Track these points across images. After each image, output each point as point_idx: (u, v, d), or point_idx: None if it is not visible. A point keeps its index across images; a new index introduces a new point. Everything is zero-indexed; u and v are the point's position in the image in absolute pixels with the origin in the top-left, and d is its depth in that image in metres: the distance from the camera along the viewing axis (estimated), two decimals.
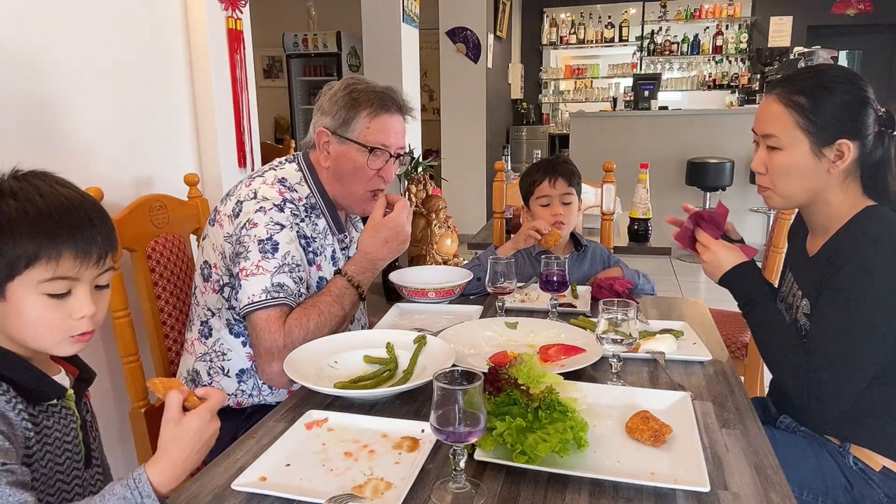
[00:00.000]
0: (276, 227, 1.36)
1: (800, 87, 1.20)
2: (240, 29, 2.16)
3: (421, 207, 4.35)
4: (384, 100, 1.45)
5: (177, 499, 0.88)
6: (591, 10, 8.47)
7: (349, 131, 1.44)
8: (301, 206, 1.43)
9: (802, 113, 1.19)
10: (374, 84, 1.48)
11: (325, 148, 1.48)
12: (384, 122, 1.45)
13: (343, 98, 1.45)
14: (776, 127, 1.22)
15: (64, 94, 1.60)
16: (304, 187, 1.48)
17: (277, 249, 1.35)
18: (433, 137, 6.74)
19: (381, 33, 4.36)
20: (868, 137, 1.19)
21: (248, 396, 1.45)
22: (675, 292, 4.58)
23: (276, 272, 1.33)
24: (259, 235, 1.35)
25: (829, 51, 5.48)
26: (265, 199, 1.38)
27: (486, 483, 0.91)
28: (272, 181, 1.43)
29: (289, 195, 1.42)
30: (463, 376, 0.87)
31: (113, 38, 1.74)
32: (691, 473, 0.90)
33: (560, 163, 1.97)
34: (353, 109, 1.44)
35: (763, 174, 1.28)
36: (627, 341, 1.20)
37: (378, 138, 1.45)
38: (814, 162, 1.20)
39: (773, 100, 1.23)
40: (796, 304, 1.31)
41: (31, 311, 0.90)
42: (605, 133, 5.92)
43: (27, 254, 0.87)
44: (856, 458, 1.22)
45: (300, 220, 1.42)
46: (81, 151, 1.65)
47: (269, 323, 1.31)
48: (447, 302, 1.78)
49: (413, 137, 4.67)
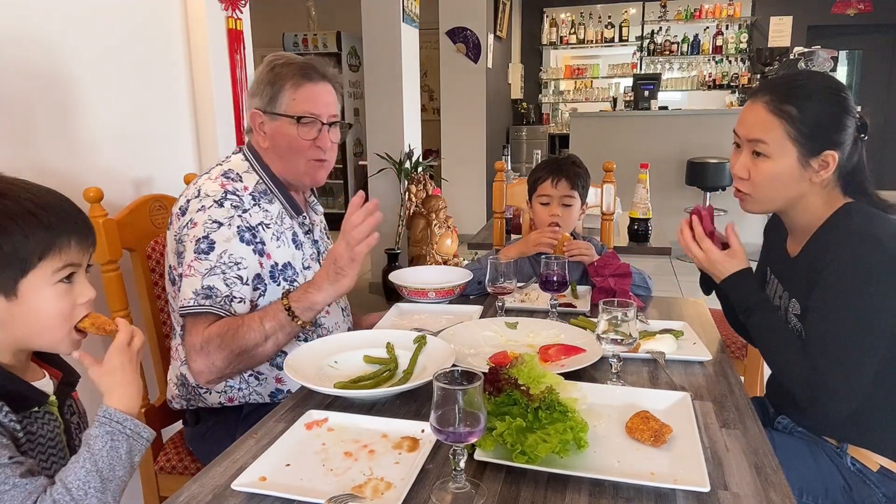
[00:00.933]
0: (214, 226, 1.36)
1: (789, 96, 1.20)
2: (240, 29, 2.16)
3: (421, 207, 4.35)
4: (306, 70, 1.45)
5: (177, 499, 0.88)
6: (591, 10, 8.47)
7: (277, 106, 1.44)
8: (247, 195, 1.42)
9: (793, 123, 1.19)
10: (294, 57, 1.48)
11: (260, 129, 1.47)
12: (309, 90, 1.45)
13: (266, 75, 1.45)
14: (766, 135, 1.22)
15: (63, 94, 1.60)
16: (251, 175, 1.47)
17: (213, 248, 1.34)
18: (433, 137, 6.75)
19: (381, 33, 4.36)
20: (847, 145, 1.21)
21: (237, 391, 1.46)
22: (675, 292, 4.58)
23: (208, 274, 1.32)
24: (196, 235, 1.35)
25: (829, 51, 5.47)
26: (206, 196, 1.39)
27: (486, 483, 0.91)
28: (216, 175, 1.44)
29: (231, 186, 1.41)
30: (463, 376, 0.87)
31: (113, 38, 1.74)
32: (691, 473, 0.90)
33: (567, 164, 1.95)
34: (277, 84, 1.43)
35: (744, 179, 1.27)
36: (627, 341, 1.20)
37: (305, 107, 1.44)
38: (799, 171, 1.21)
39: (761, 107, 1.23)
40: (784, 306, 1.31)
41: (45, 303, 0.92)
42: (605, 133, 5.92)
43: (41, 246, 0.90)
44: (853, 458, 1.22)
45: (243, 212, 1.40)
46: (81, 151, 1.65)
47: (194, 326, 1.32)
48: (447, 302, 1.78)
49: (413, 137, 4.67)
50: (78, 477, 0.88)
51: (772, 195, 1.25)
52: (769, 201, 1.27)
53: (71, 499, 0.86)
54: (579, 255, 1.82)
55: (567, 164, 1.95)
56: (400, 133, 4.50)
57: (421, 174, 4.47)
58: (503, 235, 2.43)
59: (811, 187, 1.23)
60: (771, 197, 1.26)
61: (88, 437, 0.91)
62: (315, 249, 1.58)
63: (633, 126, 5.84)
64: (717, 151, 5.35)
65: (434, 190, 4.51)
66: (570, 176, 1.91)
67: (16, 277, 0.89)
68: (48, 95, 1.55)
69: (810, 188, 1.23)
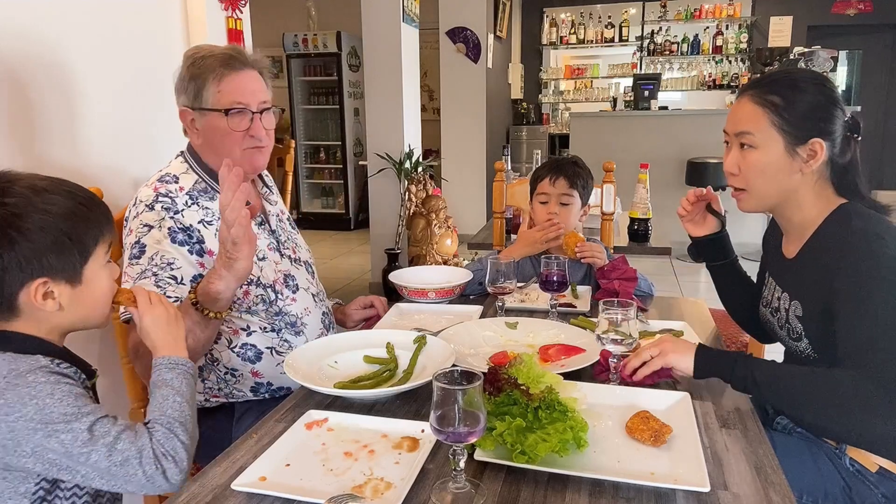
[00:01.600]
0: (144, 230, 1.36)
1: (773, 87, 1.22)
2: (240, 29, 2.16)
3: (421, 207, 4.35)
4: (227, 60, 1.41)
5: (177, 499, 0.88)
6: (591, 10, 8.47)
7: (204, 101, 1.41)
8: (182, 195, 1.42)
9: (777, 111, 1.20)
10: (213, 48, 1.45)
11: (192, 126, 1.45)
12: (232, 80, 1.41)
13: (188, 71, 1.42)
14: (751, 125, 1.23)
15: (63, 94, 1.60)
16: (189, 175, 1.46)
17: (144, 252, 1.35)
18: (433, 137, 6.74)
19: (381, 33, 4.36)
20: (837, 139, 1.21)
21: (217, 391, 1.46)
22: (675, 292, 4.58)
23: (139, 278, 1.33)
24: (129, 241, 1.37)
25: (829, 51, 5.47)
26: (139, 202, 1.40)
27: (486, 483, 0.91)
28: (152, 182, 1.44)
29: (164, 188, 1.41)
30: (463, 376, 0.87)
31: (113, 37, 1.74)
32: (691, 473, 0.90)
33: (567, 163, 1.95)
34: (200, 79, 1.40)
35: (736, 174, 1.28)
36: (627, 341, 1.20)
37: (232, 98, 1.40)
38: (787, 161, 1.22)
39: (747, 100, 1.24)
40: (784, 307, 1.30)
41: (102, 284, 1.03)
42: (605, 133, 5.92)
43: (96, 232, 1.00)
44: (852, 459, 1.22)
45: (175, 213, 1.39)
46: (81, 151, 1.65)
47: (131, 331, 1.33)
48: (447, 302, 1.78)
49: (413, 137, 4.67)
50: (175, 409, 0.99)
51: (764, 188, 1.25)
52: (762, 196, 1.27)
53: (180, 425, 0.97)
54: (591, 257, 1.82)
55: (567, 163, 1.95)
56: (400, 133, 4.50)
57: (421, 174, 4.47)
58: (503, 235, 2.43)
59: (803, 180, 1.23)
60: (763, 190, 1.26)
61: (163, 381, 1.03)
62: (274, 239, 1.56)
63: (633, 126, 5.84)
64: (717, 151, 5.34)
65: (434, 190, 4.51)
66: (569, 175, 1.91)
67: (80, 264, 0.99)
68: (48, 95, 1.55)
69: (802, 182, 1.23)
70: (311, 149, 7.48)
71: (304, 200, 7.44)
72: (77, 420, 0.90)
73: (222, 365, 1.45)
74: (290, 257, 1.58)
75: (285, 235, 1.62)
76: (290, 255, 1.59)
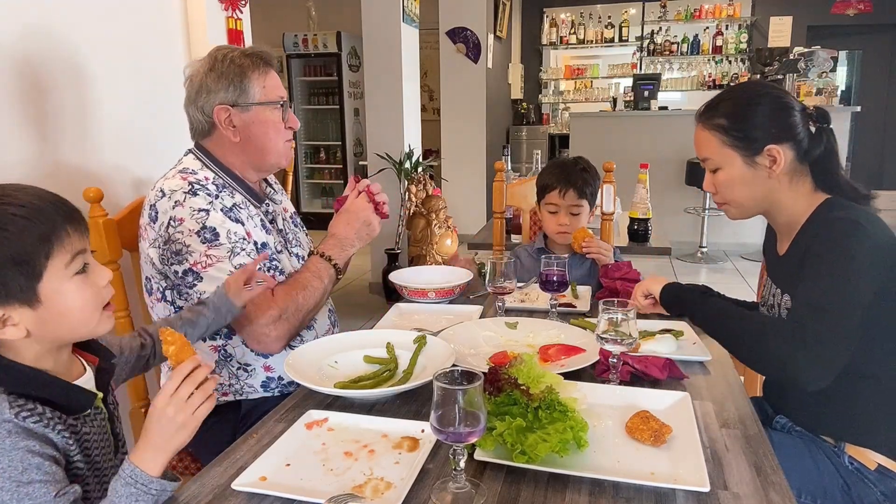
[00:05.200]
0: (202, 214, 1.36)
1: (717, 110, 1.30)
2: (240, 29, 2.16)
3: (421, 207, 4.35)
4: (264, 59, 1.48)
5: (177, 499, 0.88)
6: (591, 10, 8.47)
7: (250, 97, 1.45)
8: (209, 183, 1.43)
9: (725, 132, 1.28)
10: (244, 49, 1.50)
11: (227, 123, 1.45)
12: (273, 77, 1.50)
13: (229, 69, 1.44)
14: (707, 151, 1.32)
15: (63, 95, 1.60)
16: (206, 171, 1.47)
17: (218, 234, 1.35)
18: (433, 137, 6.74)
19: (381, 33, 4.36)
20: (800, 137, 1.25)
21: (228, 386, 1.46)
22: None
23: (231, 256, 1.34)
24: (191, 228, 1.34)
25: (829, 51, 5.47)
26: (174, 192, 1.37)
27: (486, 483, 0.91)
28: (173, 174, 1.43)
29: (193, 178, 1.41)
30: (463, 376, 0.87)
31: (112, 38, 1.74)
32: (691, 473, 0.90)
33: (577, 171, 1.92)
34: (245, 77, 1.44)
35: (714, 193, 1.37)
36: (627, 341, 1.20)
37: (276, 94, 1.49)
38: (752, 172, 1.28)
39: (699, 128, 1.34)
40: (777, 302, 1.32)
41: (72, 297, 0.90)
42: (605, 133, 5.92)
43: (42, 245, 0.86)
44: (851, 457, 1.23)
45: (214, 197, 1.40)
46: (81, 152, 1.65)
47: (260, 300, 1.35)
48: (447, 302, 1.78)
49: (413, 137, 4.67)
50: None
51: (741, 199, 1.32)
52: (742, 206, 1.34)
53: None
54: (597, 253, 1.83)
55: (576, 171, 1.93)
56: (400, 133, 4.50)
57: (421, 174, 4.46)
58: (503, 235, 2.43)
59: (776, 185, 1.28)
60: (741, 201, 1.32)
61: (111, 496, 0.86)
62: (281, 238, 1.58)
63: (633, 126, 5.84)
64: None
65: (434, 190, 4.51)
66: (578, 185, 1.90)
67: (31, 283, 0.86)
68: (48, 96, 1.55)
69: (776, 186, 1.28)
70: (311, 149, 7.49)
71: (304, 200, 7.44)
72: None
73: (235, 360, 1.45)
74: (298, 255, 1.61)
75: (291, 234, 1.64)
76: (297, 252, 1.61)
